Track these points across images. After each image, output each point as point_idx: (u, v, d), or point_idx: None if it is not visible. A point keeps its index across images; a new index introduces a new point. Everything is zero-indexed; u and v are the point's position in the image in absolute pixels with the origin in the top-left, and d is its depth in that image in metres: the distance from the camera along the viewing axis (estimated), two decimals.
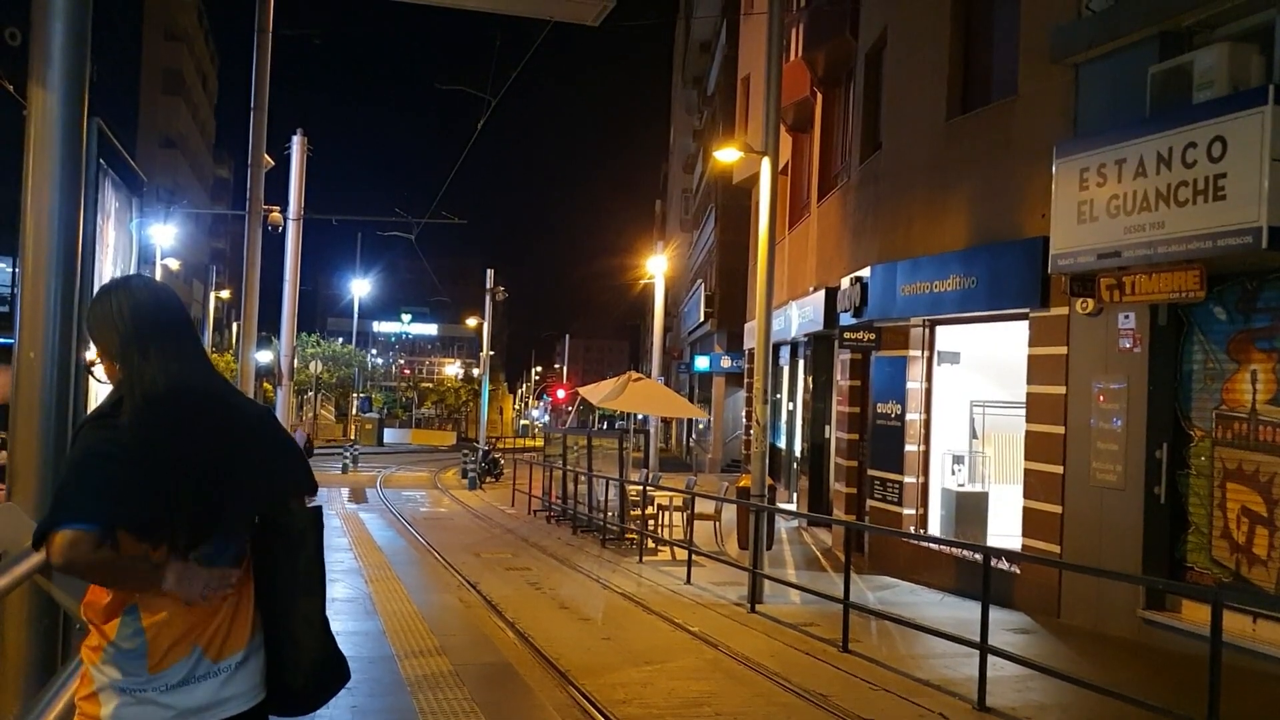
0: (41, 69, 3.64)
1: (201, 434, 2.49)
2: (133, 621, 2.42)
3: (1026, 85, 11.93)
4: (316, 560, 2.73)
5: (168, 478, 2.39)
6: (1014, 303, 11.82)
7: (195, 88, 71.96)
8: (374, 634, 9.11)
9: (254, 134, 14.82)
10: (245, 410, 2.66)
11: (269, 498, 2.64)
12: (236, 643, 2.54)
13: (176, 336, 2.61)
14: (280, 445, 2.70)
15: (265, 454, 2.64)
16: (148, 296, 2.64)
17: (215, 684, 2.47)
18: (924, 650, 9.46)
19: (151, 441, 2.40)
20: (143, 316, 2.58)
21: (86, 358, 2.85)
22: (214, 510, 2.46)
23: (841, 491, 16.37)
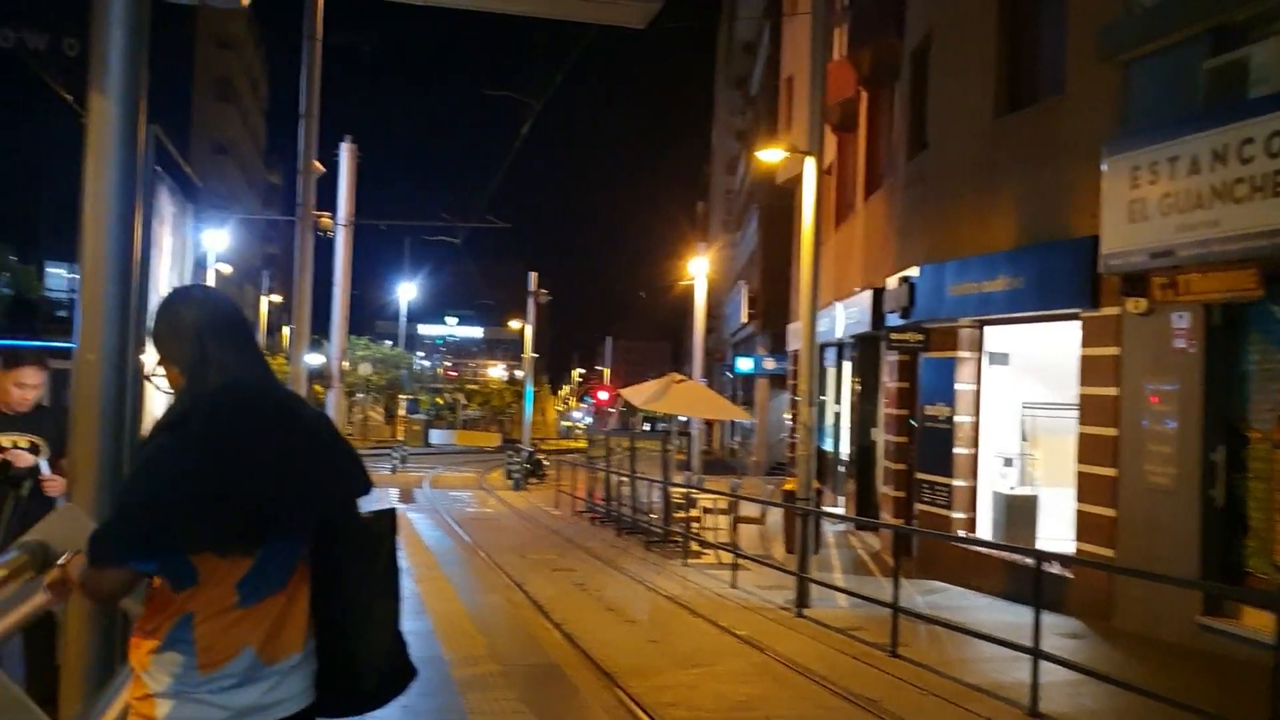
0: (100, 77, 3.69)
1: (263, 440, 2.51)
2: (184, 625, 2.44)
3: (1074, 83, 11.79)
4: (393, 563, 2.76)
5: (229, 485, 2.41)
6: (1064, 303, 11.68)
7: (246, 95, 72.87)
8: (423, 633, 9.16)
9: (304, 141, 14.98)
10: (304, 415, 2.67)
11: (329, 501, 2.64)
12: (290, 645, 2.56)
13: (238, 344, 2.65)
14: (339, 449, 2.70)
15: (325, 458, 2.64)
16: (211, 305, 2.68)
17: (266, 686, 2.49)
18: (974, 655, 9.37)
19: (216, 449, 2.43)
20: (206, 325, 2.62)
21: (146, 365, 2.88)
22: (272, 514, 2.48)
23: (889, 495, 16.25)
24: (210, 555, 2.42)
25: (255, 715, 2.47)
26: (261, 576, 2.51)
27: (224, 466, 2.42)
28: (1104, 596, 10.83)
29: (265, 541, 2.49)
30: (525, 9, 6.14)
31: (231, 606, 2.46)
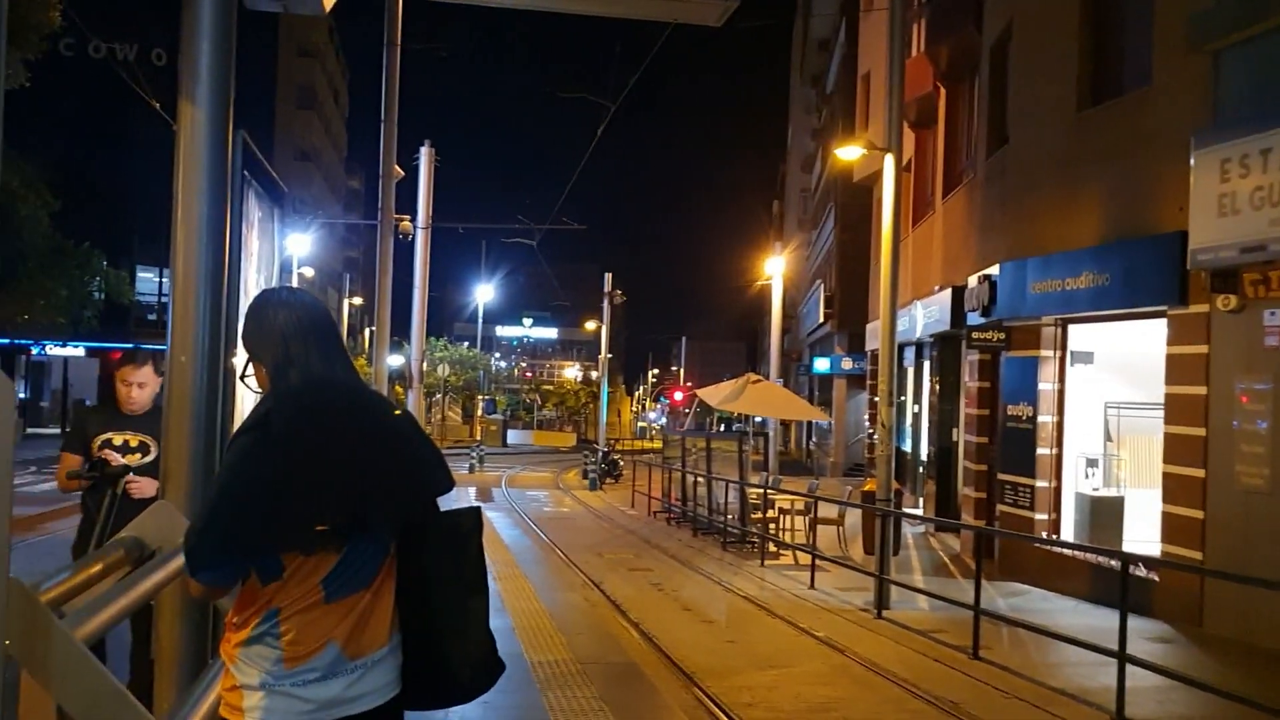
0: (190, 86, 3.79)
1: (343, 439, 2.55)
2: (271, 619, 2.50)
3: (1161, 74, 11.53)
4: (480, 559, 2.79)
5: (309, 484, 2.46)
6: (1150, 300, 11.43)
7: (327, 102, 74.21)
8: (503, 631, 9.25)
9: (384, 146, 15.20)
10: (387, 415, 2.71)
11: (412, 500, 2.67)
12: (375, 640, 2.60)
13: (322, 345, 2.69)
14: (421, 448, 2.73)
15: (407, 457, 2.67)
16: (295, 306, 2.73)
17: (350, 680, 2.53)
18: (1058, 658, 9.22)
19: (295, 449, 2.48)
20: (290, 326, 2.67)
21: (237, 365, 2.96)
22: (355, 512, 2.52)
23: (970, 496, 16.04)
24: (296, 553, 2.48)
25: (338, 708, 2.52)
26: (347, 573, 2.55)
27: (303, 466, 2.47)
28: (1193, 600, 10.57)
29: (348, 540, 2.53)
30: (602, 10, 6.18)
31: (317, 602, 2.51)
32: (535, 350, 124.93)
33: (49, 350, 44.74)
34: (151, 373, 5.44)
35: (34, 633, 2.34)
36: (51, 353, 45.42)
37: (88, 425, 5.48)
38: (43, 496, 18.07)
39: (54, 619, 2.39)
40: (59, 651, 2.37)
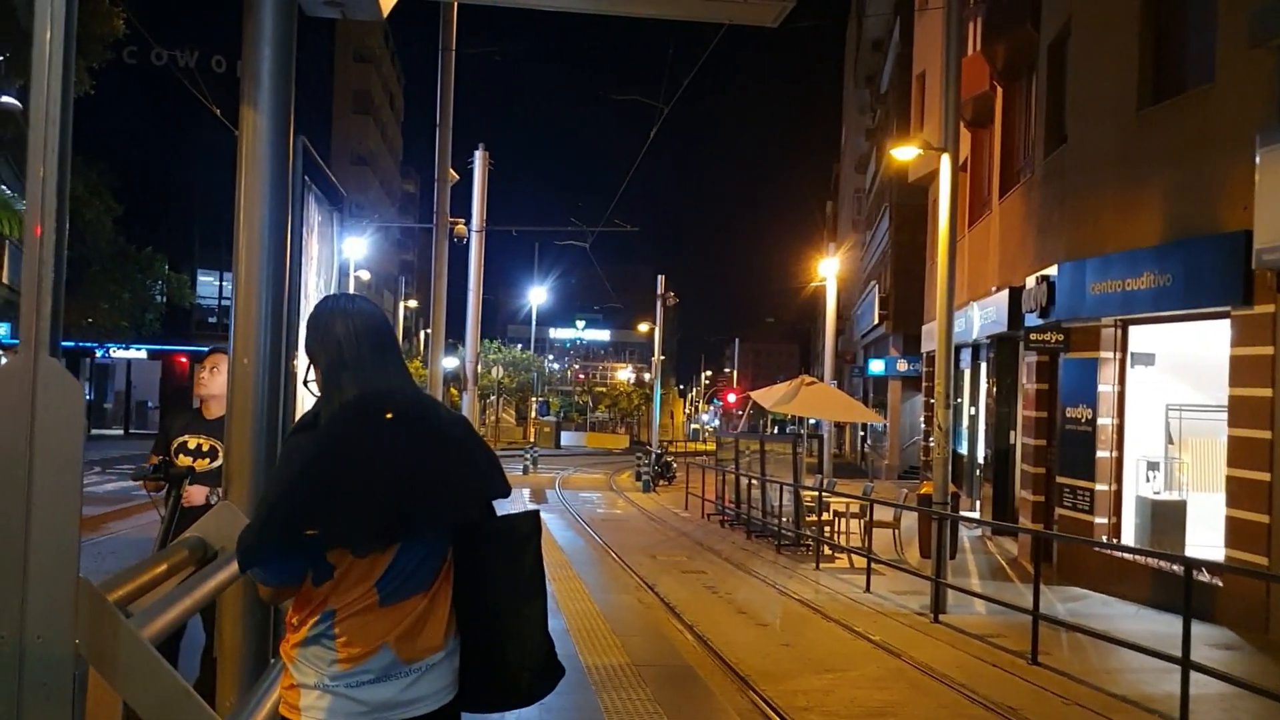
0: (252, 92, 3.84)
1: (389, 442, 2.56)
2: (326, 621, 2.53)
3: (1224, 72, 11.33)
4: (538, 563, 2.81)
5: (354, 485, 2.49)
6: (1214, 300, 11.23)
7: (383, 107, 74.93)
8: (558, 632, 9.22)
9: (439, 150, 15.32)
10: (438, 419, 2.70)
11: (462, 505, 2.67)
12: (431, 644, 2.61)
13: (375, 349, 2.71)
14: (474, 453, 2.74)
15: (458, 462, 2.67)
16: (351, 312, 2.77)
17: (405, 683, 2.55)
18: (1119, 665, 9.08)
19: (341, 450, 2.53)
20: (345, 331, 2.72)
21: (299, 369, 2.99)
22: (404, 514, 2.53)
23: (1028, 499, 15.85)
24: (345, 553, 2.50)
25: (394, 711, 2.53)
26: (401, 577, 2.56)
27: (348, 467, 2.49)
28: (1259, 606, 10.36)
29: (396, 541, 2.55)
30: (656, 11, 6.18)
31: (372, 605, 2.53)
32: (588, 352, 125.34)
33: (112, 353, 45.63)
34: (225, 360, 5.48)
35: (102, 631, 2.38)
36: (115, 355, 46.33)
37: (170, 428, 5.61)
38: (107, 497, 18.44)
39: (121, 618, 2.44)
40: (126, 650, 2.41)
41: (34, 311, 2.27)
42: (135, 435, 42.74)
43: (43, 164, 2.27)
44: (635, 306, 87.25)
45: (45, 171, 2.27)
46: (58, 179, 2.29)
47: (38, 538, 2.27)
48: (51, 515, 2.28)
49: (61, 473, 2.29)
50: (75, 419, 2.30)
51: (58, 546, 2.29)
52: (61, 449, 2.29)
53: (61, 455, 2.29)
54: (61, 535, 2.30)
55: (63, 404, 2.29)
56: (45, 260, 2.27)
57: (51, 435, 2.27)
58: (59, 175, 2.30)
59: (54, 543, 2.29)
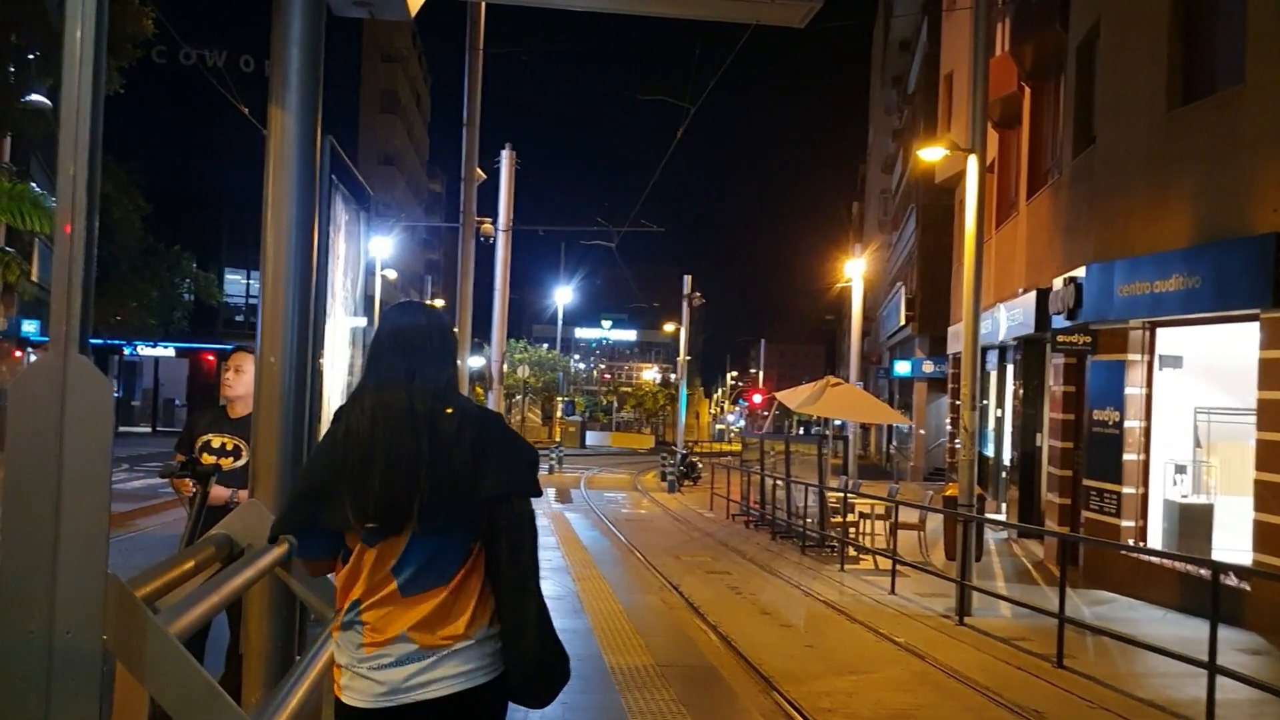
0: (280, 92, 3.87)
1: (371, 432, 2.75)
2: (355, 608, 2.75)
3: (1255, 73, 11.22)
4: (513, 561, 2.84)
5: (335, 469, 2.74)
6: (1243, 303, 11.13)
7: (410, 107, 75.19)
8: (582, 632, 9.30)
9: (466, 150, 15.38)
10: (442, 418, 2.79)
11: (469, 496, 2.75)
12: (452, 633, 2.73)
13: (399, 352, 2.88)
14: (484, 447, 2.80)
15: (449, 457, 2.75)
16: (390, 319, 2.97)
17: (420, 665, 2.70)
18: (1145, 669, 9.02)
19: (342, 443, 2.77)
20: (379, 334, 2.94)
21: (325, 366, 3.11)
22: (403, 504, 2.70)
23: (1054, 502, 15.75)
24: (357, 538, 2.74)
25: (410, 692, 2.70)
26: (417, 567, 2.73)
27: (332, 456, 2.76)
28: None
29: (392, 529, 2.72)
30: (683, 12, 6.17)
31: (394, 594, 2.72)
32: (614, 352, 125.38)
33: (141, 350, 46.01)
34: (251, 361, 5.52)
35: (130, 627, 2.40)
36: (143, 353, 46.71)
37: (196, 426, 5.66)
38: (135, 493, 18.59)
39: (149, 614, 2.46)
40: (153, 646, 2.43)
41: (64, 309, 2.29)
42: (163, 433, 43.06)
43: (73, 162, 2.30)
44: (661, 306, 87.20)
45: (76, 169, 2.30)
46: (88, 177, 2.31)
47: (67, 533, 2.30)
48: (81, 511, 2.30)
49: (91, 469, 2.31)
50: (104, 416, 2.32)
51: (87, 542, 2.32)
52: (91, 445, 2.31)
53: (91, 451, 2.31)
54: (90, 531, 2.32)
55: (92, 401, 2.31)
56: (75, 258, 2.29)
57: (81, 431, 2.30)
58: (89, 173, 2.32)
59: (83, 538, 2.31)
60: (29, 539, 2.29)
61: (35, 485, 2.29)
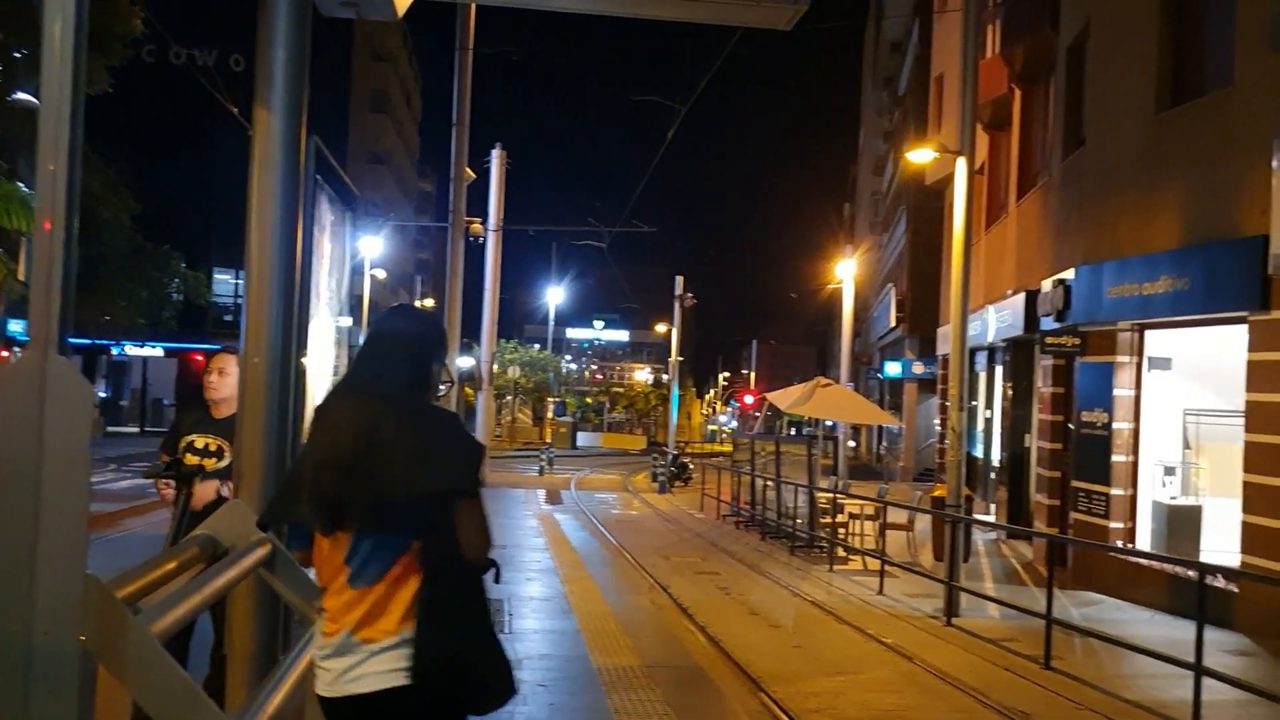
0: (265, 92, 3.85)
1: (319, 432, 2.92)
2: (320, 600, 2.93)
3: (1243, 75, 11.26)
4: (440, 561, 2.82)
5: (302, 474, 2.91)
6: (1231, 305, 11.17)
7: (400, 106, 75.06)
8: (570, 633, 9.30)
9: (456, 149, 15.33)
10: (383, 418, 2.83)
11: (408, 494, 2.77)
12: (383, 629, 2.80)
13: (370, 353, 3.02)
14: (427, 448, 2.82)
15: (378, 457, 2.79)
16: (372, 324, 3.18)
17: (355, 659, 2.79)
18: (1132, 670, 9.04)
19: (308, 442, 3.00)
20: (365, 341, 3.07)
21: (306, 366, 3.18)
22: (333, 501, 2.81)
23: (1043, 503, 15.78)
24: (319, 532, 2.90)
25: (347, 684, 2.79)
26: (361, 561, 2.82)
27: (300, 458, 3.00)
28: (1274, 613, 10.28)
29: (333, 524, 2.83)
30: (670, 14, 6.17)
31: (344, 586, 2.84)
32: (605, 353, 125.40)
33: (129, 350, 45.87)
34: (234, 362, 5.49)
35: (110, 628, 2.39)
36: (131, 353, 46.56)
37: (180, 426, 5.65)
38: (121, 494, 18.52)
39: (129, 615, 2.45)
40: (134, 647, 2.42)
41: (43, 309, 2.28)
42: (151, 433, 42.91)
43: (53, 160, 2.29)
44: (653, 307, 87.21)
45: (56, 167, 2.29)
46: (67, 175, 2.30)
47: (46, 534, 2.28)
48: (59, 512, 2.29)
49: (70, 470, 2.30)
50: (84, 417, 2.31)
51: (66, 543, 2.30)
52: (70, 446, 2.30)
53: (70, 452, 2.30)
54: (69, 532, 2.31)
55: (71, 402, 2.30)
56: (55, 257, 2.28)
57: (60, 432, 2.29)
58: (69, 171, 2.31)
59: (62, 539, 2.30)
60: (7, 540, 2.28)
61: (14, 486, 2.27)
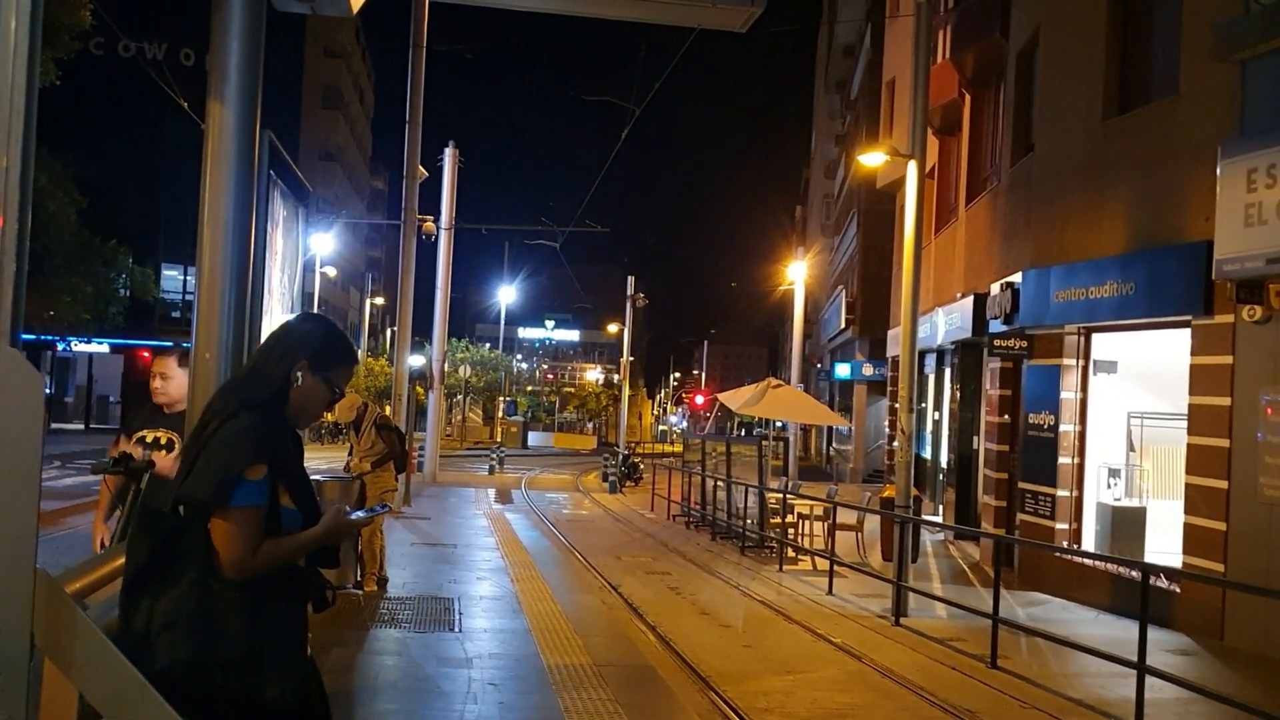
0: (219, 86, 3.83)
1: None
2: None
3: (1188, 84, 11.48)
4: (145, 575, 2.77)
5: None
6: (1175, 310, 11.37)
7: (353, 102, 74.51)
8: (520, 632, 9.28)
9: (409, 147, 15.29)
10: (214, 416, 2.88)
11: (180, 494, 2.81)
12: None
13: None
14: (202, 447, 2.83)
15: (192, 454, 2.85)
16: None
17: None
18: (1077, 669, 9.18)
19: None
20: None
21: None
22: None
23: (990, 504, 15.98)
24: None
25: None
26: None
27: None
28: (1215, 612, 10.50)
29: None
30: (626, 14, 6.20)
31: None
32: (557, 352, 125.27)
33: (74, 346, 45.15)
34: (174, 364, 5.48)
35: (58, 623, 2.37)
36: (77, 349, 45.84)
37: (131, 424, 5.61)
38: (66, 491, 18.24)
39: (78, 610, 2.43)
40: (83, 642, 2.40)
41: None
42: (96, 430, 42.29)
43: (5, 154, 2.26)
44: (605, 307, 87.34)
45: (9, 161, 2.26)
46: (20, 169, 2.28)
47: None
48: (9, 506, 2.27)
49: (20, 463, 2.28)
50: (35, 410, 2.29)
51: (15, 537, 2.28)
52: (20, 440, 2.28)
53: (20, 446, 2.28)
54: (19, 526, 2.28)
55: (22, 395, 2.27)
56: (6, 251, 2.26)
57: (10, 426, 2.26)
58: (22, 165, 2.28)
59: (11, 533, 2.28)
60: None
61: None
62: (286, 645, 2.79)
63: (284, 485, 2.83)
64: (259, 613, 2.72)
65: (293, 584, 2.85)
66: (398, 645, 8.64)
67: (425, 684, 7.40)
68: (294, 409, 2.97)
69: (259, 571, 2.73)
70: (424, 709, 6.82)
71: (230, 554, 2.70)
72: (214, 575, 2.70)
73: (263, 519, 2.75)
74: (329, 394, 3.03)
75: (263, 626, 2.72)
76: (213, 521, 2.71)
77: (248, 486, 2.73)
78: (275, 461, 2.80)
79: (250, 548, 2.71)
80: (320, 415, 3.14)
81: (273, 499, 2.79)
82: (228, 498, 2.70)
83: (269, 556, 2.75)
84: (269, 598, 2.76)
